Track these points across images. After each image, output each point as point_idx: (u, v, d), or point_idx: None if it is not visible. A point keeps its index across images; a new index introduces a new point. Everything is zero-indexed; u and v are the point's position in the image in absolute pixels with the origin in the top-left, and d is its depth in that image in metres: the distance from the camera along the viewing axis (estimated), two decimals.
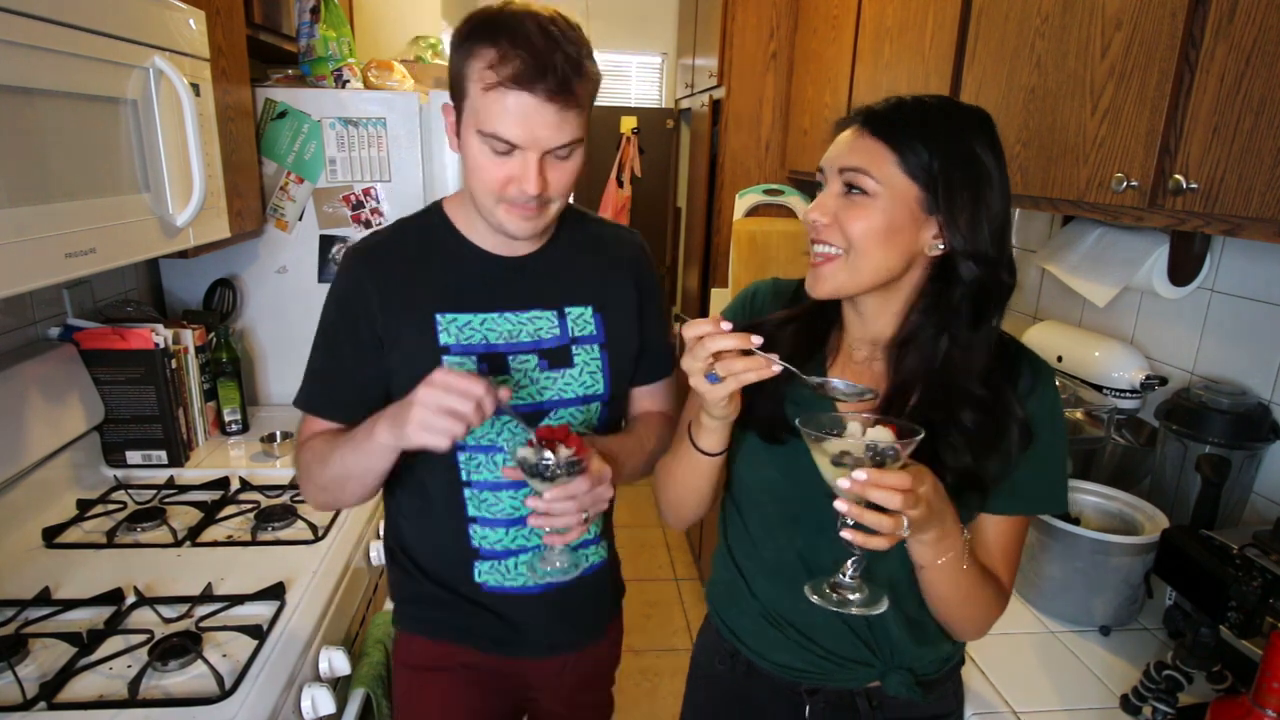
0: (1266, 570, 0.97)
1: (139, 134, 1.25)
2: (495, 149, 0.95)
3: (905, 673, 0.97)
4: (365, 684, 1.33)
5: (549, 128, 0.93)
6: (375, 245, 1.10)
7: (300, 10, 2.03)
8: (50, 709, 1.03)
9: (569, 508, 0.93)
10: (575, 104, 0.94)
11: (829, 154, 0.90)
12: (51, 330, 1.68)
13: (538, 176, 0.95)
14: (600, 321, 1.14)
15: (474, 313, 1.07)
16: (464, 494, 1.11)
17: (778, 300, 1.04)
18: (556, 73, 0.90)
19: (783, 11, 2.88)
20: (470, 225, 1.09)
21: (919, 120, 0.86)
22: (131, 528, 1.48)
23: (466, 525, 1.12)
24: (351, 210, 2.07)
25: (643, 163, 4.64)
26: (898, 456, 0.77)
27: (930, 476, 0.78)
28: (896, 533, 0.76)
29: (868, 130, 0.87)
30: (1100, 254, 1.57)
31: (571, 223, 1.15)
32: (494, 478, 1.10)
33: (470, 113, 0.96)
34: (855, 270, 0.87)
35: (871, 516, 0.75)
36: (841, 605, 0.84)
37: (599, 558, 1.22)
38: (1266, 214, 0.90)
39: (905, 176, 0.85)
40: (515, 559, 1.14)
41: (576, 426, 1.12)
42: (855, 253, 0.86)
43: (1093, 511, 1.36)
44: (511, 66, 0.90)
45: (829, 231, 0.88)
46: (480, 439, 1.09)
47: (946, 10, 1.63)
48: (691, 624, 2.88)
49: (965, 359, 0.87)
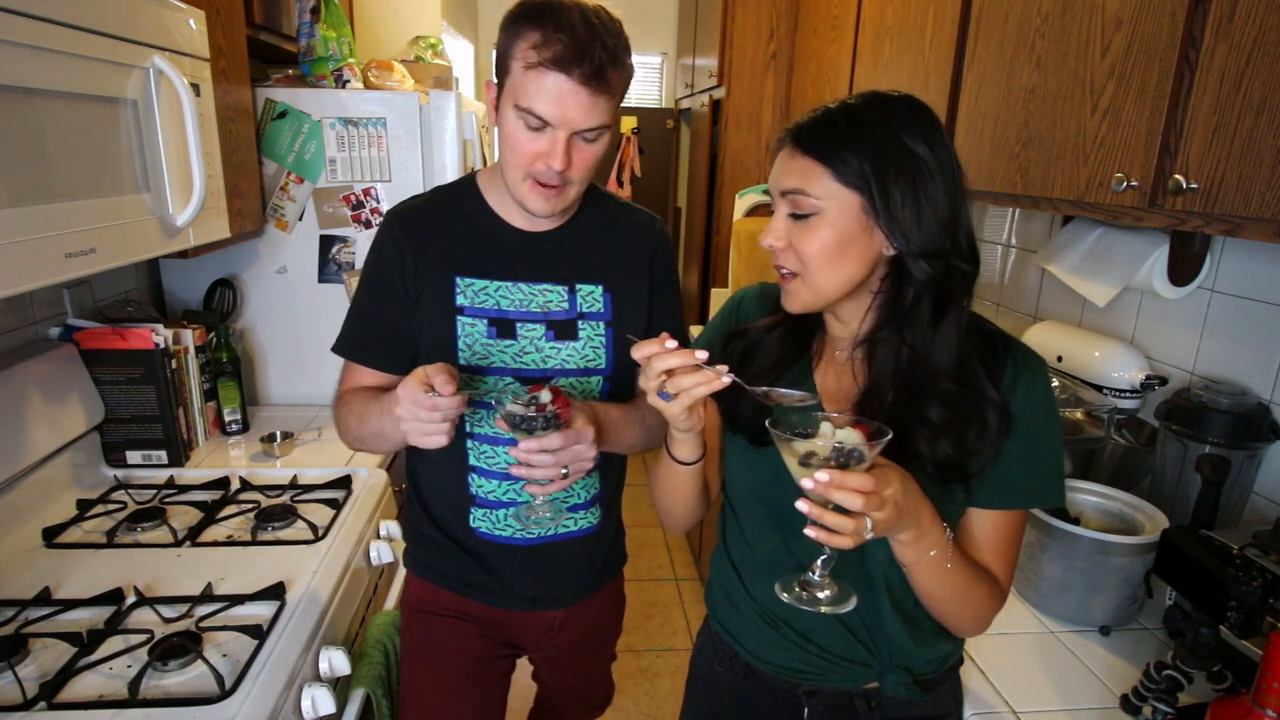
0: (1266, 570, 0.97)
1: (139, 134, 1.25)
2: (529, 124, 1.02)
3: (903, 672, 0.97)
4: (365, 684, 1.33)
5: (580, 110, 1.00)
6: (413, 209, 1.18)
7: (300, 10, 2.03)
8: (50, 709, 1.03)
9: (545, 460, 1.00)
10: (607, 91, 1.01)
11: (771, 176, 0.91)
12: (51, 330, 1.68)
13: (564, 154, 1.02)
14: (609, 300, 1.20)
15: (490, 279, 1.15)
16: (466, 444, 1.19)
17: (764, 304, 1.05)
18: (594, 60, 0.97)
19: (783, 12, 2.88)
20: (498, 199, 1.17)
21: (845, 127, 0.85)
22: (131, 528, 1.48)
23: (466, 473, 1.21)
24: (351, 210, 2.07)
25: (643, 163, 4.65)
26: (863, 458, 0.77)
27: (899, 479, 0.78)
28: (860, 534, 0.76)
29: (798, 148, 0.87)
30: (1100, 254, 1.57)
31: (594, 204, 1.22)
32: (493, 432, 1.18)
33: (510, 89, 1.03)
34: (815, 289, 0.88)
35: (832, 518, 0.76)
36: (811, 604, 0.85)
37: (588, 523, 1.26)
38: (1266, 214, 0.90)
39: (843, 187, 0.84)
40: (506, 510, 1.22)
41: (576, 395, 1.18)
42: (810, 272, 0.87)
43: (1093, 511, 1.36)
44: (553, 49, 0.97)
45: (784, 255, 0.89)
46: (485, 396, 1.15)
47: (946, 10, 1.63)
48: (691, 624, 2.88)
49: (928, 355, 0.86)
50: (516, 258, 1.16)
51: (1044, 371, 0.91)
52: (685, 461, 0.96)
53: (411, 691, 1.31)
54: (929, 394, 0.85)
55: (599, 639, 1.45)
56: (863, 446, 0.77)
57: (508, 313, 1.15)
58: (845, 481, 0.74)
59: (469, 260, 1.15)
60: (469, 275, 1.15)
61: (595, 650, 1.47)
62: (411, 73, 2.25)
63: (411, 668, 1.31)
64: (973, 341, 0.88)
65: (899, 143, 0.83)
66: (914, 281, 0.86)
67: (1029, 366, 0.90)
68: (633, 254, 1.22)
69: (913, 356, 0.87)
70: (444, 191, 1.21)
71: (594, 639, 1.43)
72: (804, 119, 0.89)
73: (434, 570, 1.28)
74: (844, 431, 0.80)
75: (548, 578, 1.26)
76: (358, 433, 1.15)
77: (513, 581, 1.25)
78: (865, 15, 2.09)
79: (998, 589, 0.93)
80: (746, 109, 2.99)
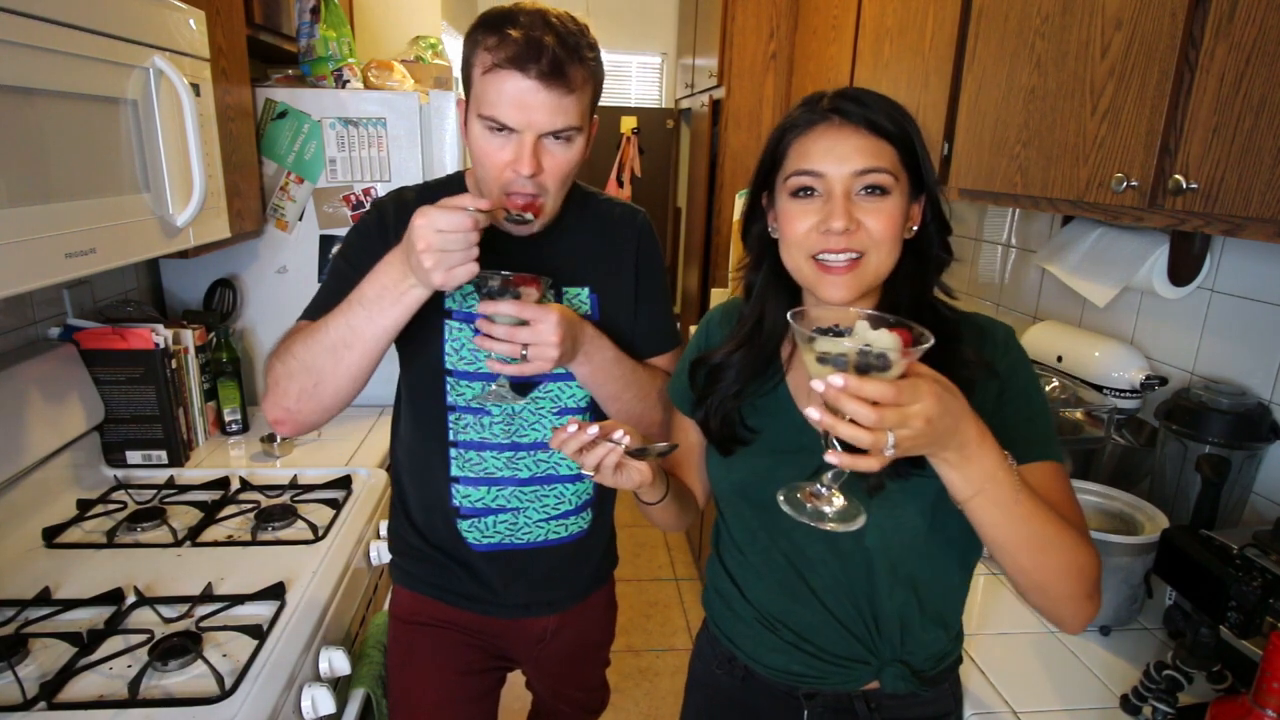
0: (1266, 570, 0.97)
1: (139, 134, 1.25)
2: (492, 130, 0.99)
3: (902, 667, 0.96)
4: (365, 684, 1.33)
5: (542, 110, 0.97)
6: (405, 202, 1.14)
7: (300, 10, 2.03)
8: (50, 709, 1.03)
9: (500, 331, 0.97)
10: (568, 88, 0.97)
11: (830, 155, 0.86)
12: (51, 330, 1.68)
13: (532, 158, 0.98)
14: (595, 303, 1.19)
15: None
16: (450, 454, 1.17)
17: (727, 322, 1.06)
18: (551, 56, 0.94)
19: (783, 12, 2.88)
20: None
21: (888, 109, 0.87)
22: (131, 528, 1.48)
23: (449, 485, 1.19)
24: (352, 210, 2.07)
25: (643, 163, 4.65)
26: (888, 365, 0.67)
27: (932, 394, 0.67)
28: (879, 449, 0.66)
29: (864, 128, 0.86)
30: (1100, 254, 1.57)
31: (577, 204, 1.19)
32: (478, 438, 1.17)
33: (474, 100, 1.01)
34: (878, 269, 0.88)
35: (846, 429, 0.66)
36: (814, 517, 0.77)
37: (578, 528, 1.25)
38: (1266, 214, 0.90)
39: (903, 168, 0.87)
40: (494, 517, 1.20)
41: (564, 403, 1.18)
42: (881, 253, 0.87)
43: (1093, 511, 1.36)
44: (507, 50, 0.95)
45: (854, 238, 0.85)
46: (470, 401, 1.14)
47: (946, 10, 1.63)
48: (691, 624, 2.88)
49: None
50: (502, 262, 1.10)
51: (1011, 334, 0.92)
52: (652, 502, 0.99)
53: (401, 704, 1.29)
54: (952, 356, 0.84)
55: (591, 647, 1.43)
56: (894, 352, 0.67)
57: None
58: (862, 389, 0.64)
59: None
60: None
61: (588, 658, 1.45)
62: (411, 73, 2.25)
63: (401, 680, 1.29)
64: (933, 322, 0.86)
65: (916, 128, 0.88)
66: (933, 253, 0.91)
67: (992, 335, 0.91)
68: (616, 252, 1.21)
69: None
70: (432, 189, 1.19)
71: (586, 647, 1.41)
72: (849, 95, 0.87)
73: (421, 581, 1.26)
74: (877, 333, 0.70)
75: (538, 583, 1.25)
76: (307, 356, 1.00)
77: (502, 589, 1.23)
78: (865, 15, 2.09)
79: (1087, 538, 0.81)
80: (746, 109, 2.99)
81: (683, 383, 1.08)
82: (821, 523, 0.77)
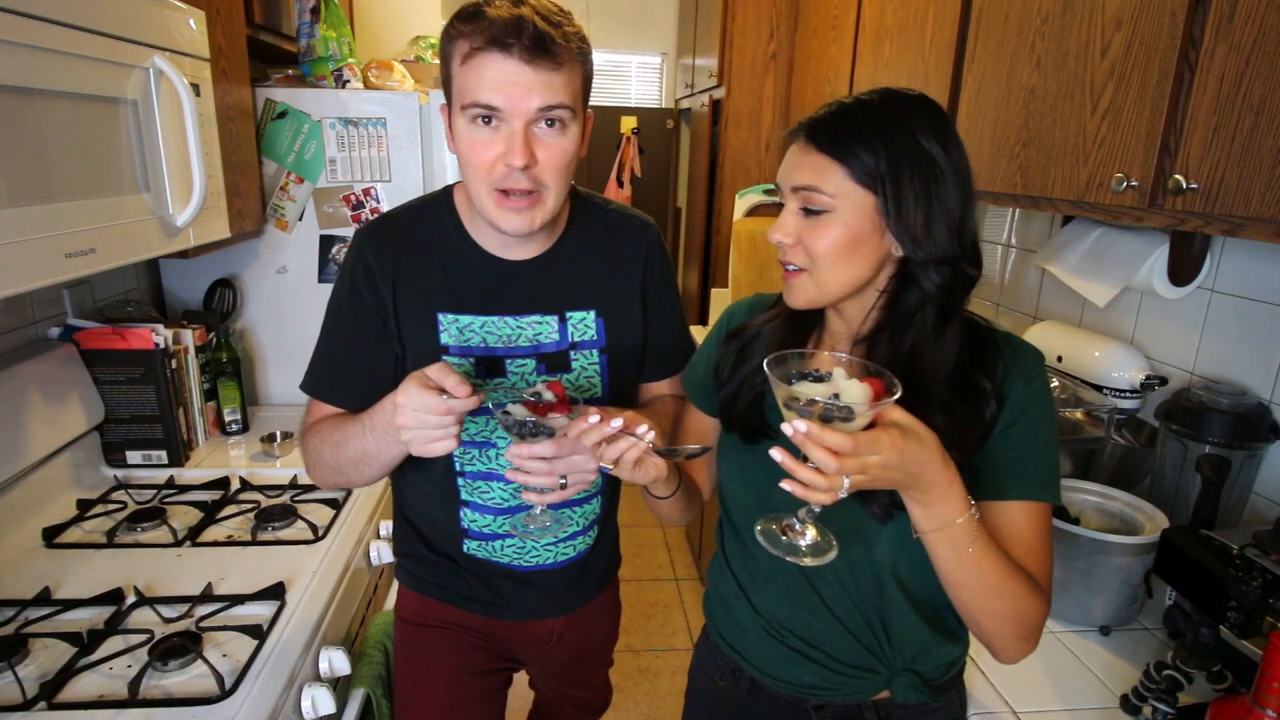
0: (1266, 570, 0.97)
1: (139, 134, 1.25)
2: (478, 121, 0.93)
3: (912, 676, 0.95)
4: (365, 684, 1.33)
5: (528, 90, 0.91)
6: (385, 231, 1.09)
7: (300, 10, 2.03)
8: (50, 709, 1.03)
9: (539, 468, 0.92)
10: (554, 63, 0.92)
11: (781, 171, 0.89)
12: (51, 330, 1.68)
13: (524, 148, 0.93)
14: (602, 326, 1.14)
15: (474, 315, 1.08)
16: (458, 482, 1.15)
17: (755, 314, 1.04)
18: (531, 31, 0.89)
19: (783, 12, 2.88)
20: (474, 223, 1.08)
21: (861, 123, 0.83)
22: (131, 528, 1.48)
23: (458, 508, 1.17)
24: (351, 210, 2.07)
25: (643, 163, 4.64)
26: (851, 417, 0.70)
27: (893, 445, 0.71)
28: (834, 493, 0.70)
29: (812, 144, 0.85)
30: (1100, 254, 1.57)
31: (581, 221, 1.14)
32: (485, 469, 1.13)
33: (456, 95, 0.95)
34: (822, 285, 0.87)
35: (806, 473, 0.70)
36: (790, 551, 0.80)
37: (585, 545, 1.24)
38: (1266, 214, 0.90)
39: (856, 186, 0.82)
40: (502, 542, 1.18)
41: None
42: (819, 270, 0.86)
43: (1093, 511, 1.36)
44: (485, 33, 0.90)
45: (793, 252, 0.88)
46: (474, 436, 1.11)
47: (946, 10, 1.63)
48: (691, 624, 2.88)
49: (927, 357, 0.85)
50: (501, 290, 1.08)
51: (1040, 363, 0.88)
52: (663, 496, 0.99)
53: (408, 705, 1.27)
54: (928, 401, 0.82)
55: (596, 647, 1.43)
56: (860, 405, 0.70)
57: (495, 349, 1.08)
58: (822, 438, 0.68)
59: (451, 295, 1.07)
60: (453, 311, 1.07)
61: (592, 658, 1.44)
62: (411, 73, 2.25)
63: (407, 681, 1.27)
64: (965, 337, 0.87)
65: (914, 143, 0.81)
66: (920, 289, 0.85)
67: (1022, 358, 0.88)
68: (624, 271, 1.15)
69: (911, 358, 0.85)
70: (417, 210, 1.12)
71: (591, 648, 1.41)
72: (819, 113, 0.86)
73: (428, 583, 1.24)
74: (849, 383, 0.73)
75: (545, 595, 1.24)
76: (335, 461, 1.04)
77: (509, 596, 1.22)
78: (865, 15, 2.09)
79: (1037, 587, 0.84)
80: (746, 109, 2.99)
81: (699, 374, 1.07)
82: (797, 557, 0.80)
